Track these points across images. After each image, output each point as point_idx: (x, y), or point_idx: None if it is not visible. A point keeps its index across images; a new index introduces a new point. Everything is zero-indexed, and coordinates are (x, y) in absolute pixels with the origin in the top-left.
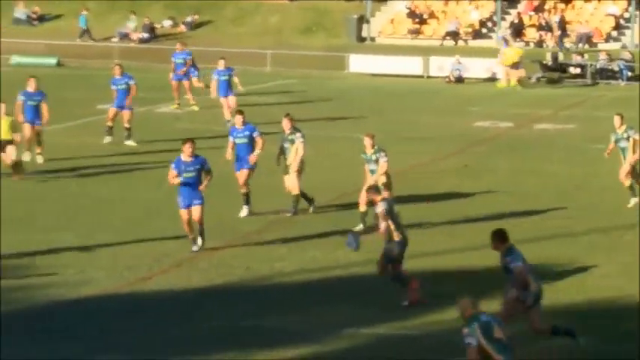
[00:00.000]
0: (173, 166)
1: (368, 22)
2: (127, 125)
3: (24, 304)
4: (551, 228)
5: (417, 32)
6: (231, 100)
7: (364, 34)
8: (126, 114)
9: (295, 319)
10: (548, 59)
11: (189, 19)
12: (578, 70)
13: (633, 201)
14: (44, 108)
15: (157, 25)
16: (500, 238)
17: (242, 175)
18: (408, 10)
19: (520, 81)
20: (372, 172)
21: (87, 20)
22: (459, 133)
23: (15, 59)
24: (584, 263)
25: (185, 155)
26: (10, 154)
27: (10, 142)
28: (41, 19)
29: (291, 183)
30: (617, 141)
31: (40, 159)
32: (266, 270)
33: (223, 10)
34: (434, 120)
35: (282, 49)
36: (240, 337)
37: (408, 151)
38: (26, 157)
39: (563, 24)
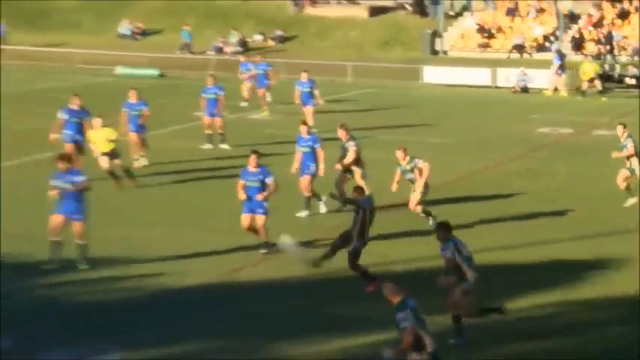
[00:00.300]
0: (240, 175)
1: (441, 36)
2: (220, 131)
3: (132, 293)
4: (607, 226)
5: (485, 46)
6: (309, 109)
7: (437, 47)
8: (217, 121)
9: (376, 306)
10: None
11: (277, 33)
12: (633, 81)
13: (631, 200)
14: (145, 114)
15: (248, 40)
16: (445, 229)
17: (304, 180)
18: (477, 26)
19: (588, 92)
20: (411, 180)
21: (188, 35)
22: (522, 138)
23: (119, 70)
24: (636, 258)
25: (250, 166)
26: (106, 163)
27: (113, 152)
28: (144, 33)
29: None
30: (621, 149)
31: (143, 161)
32: (346, 262)
33: (308, 26)
34: (500, 126)
35: (362, 61)
36: (325, 324)
37: (476, 154)
38: (142, 162)
39: (610, 38)
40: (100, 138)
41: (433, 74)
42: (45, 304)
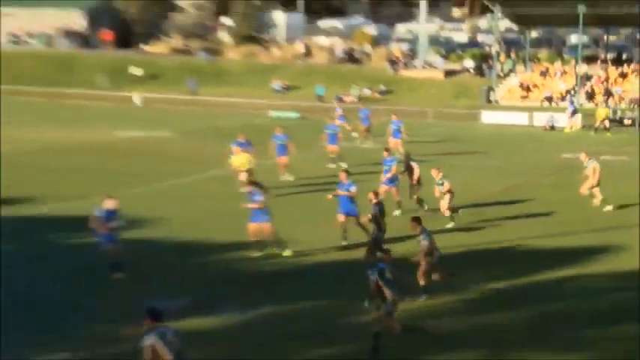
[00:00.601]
0: (337, 186)
1: (494, 90)
2: (335, 156)
3: (283, 266)
4: (607, 220)
5: (525, 97)
6: (396, 142)
7: (491, 98)
8: (336, 148)
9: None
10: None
11: (381, 88)
12: (629, 122)
13: (608, 207)
14: (290, 145)
15: (360, 93)
16: (418, 221)
17: (384, 189)
18: (519, 83)
19: (599, 129)
20: (440, 191)
21: (321, 89)
22: (551, 161)
23: (272, 114)
24: (633, 246)
25: (342, 180)
26: (244, 178)
27: (249, 171)
28: (288, 88)
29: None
30: (584, 168)
31: (288, 177)
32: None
33: (402, 84)
34: (535, 153)
35: (439, 108)
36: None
37: (517, 172)
38: (287, 177)
39: (608, 92)
40: (239, 161)
41: (488, 117)
42: (223, 273)
